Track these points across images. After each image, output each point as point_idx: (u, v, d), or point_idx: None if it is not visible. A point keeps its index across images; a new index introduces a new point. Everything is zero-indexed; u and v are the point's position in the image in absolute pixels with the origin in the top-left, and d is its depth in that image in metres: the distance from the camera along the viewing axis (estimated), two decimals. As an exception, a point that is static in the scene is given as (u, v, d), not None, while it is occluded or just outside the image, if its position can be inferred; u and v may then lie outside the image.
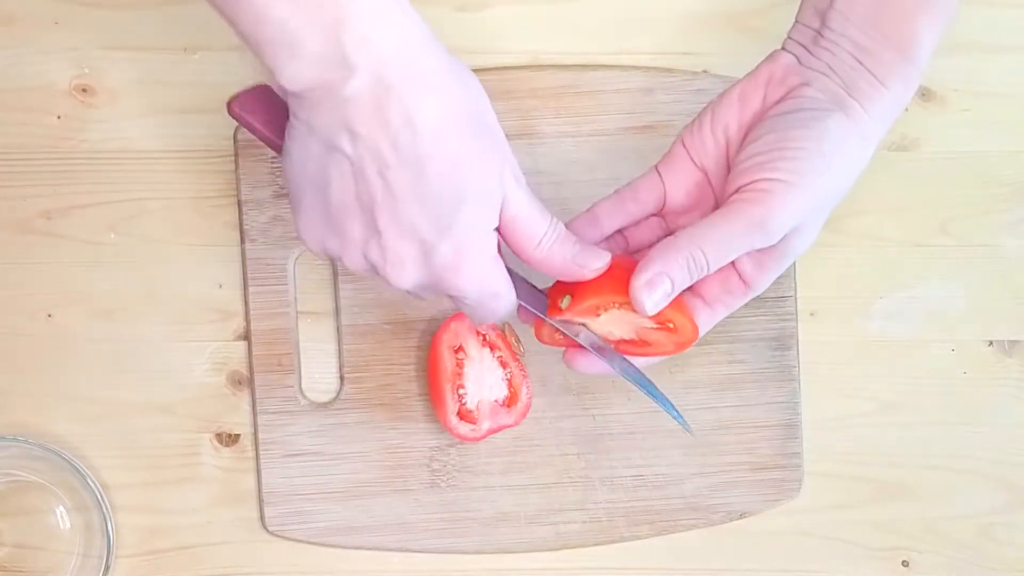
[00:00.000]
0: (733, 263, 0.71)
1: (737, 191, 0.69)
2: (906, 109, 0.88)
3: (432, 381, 0.85)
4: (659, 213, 0.75)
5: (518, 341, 0.87)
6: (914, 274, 0.90)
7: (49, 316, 0.86)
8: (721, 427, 0.88)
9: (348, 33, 0.58)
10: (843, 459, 0.89)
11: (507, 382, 0.85)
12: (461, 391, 0.84)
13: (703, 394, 0.88)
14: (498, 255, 0.68)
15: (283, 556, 0.87)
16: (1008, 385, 0.90)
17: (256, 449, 0.86)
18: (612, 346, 0.75)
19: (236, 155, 0.86)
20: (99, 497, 0.84)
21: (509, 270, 0.70)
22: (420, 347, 0.86)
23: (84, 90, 0.86)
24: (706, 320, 0.74)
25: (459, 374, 0.84)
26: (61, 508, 0.87)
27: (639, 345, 0.75)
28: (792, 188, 0.67)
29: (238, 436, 0.87)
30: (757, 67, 0.73)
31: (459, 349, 0.84)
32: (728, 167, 0.72)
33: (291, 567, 0.88)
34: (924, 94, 0.89)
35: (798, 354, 0.88)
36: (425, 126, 0.60)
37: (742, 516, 0.88)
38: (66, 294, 0.86)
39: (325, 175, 0.63)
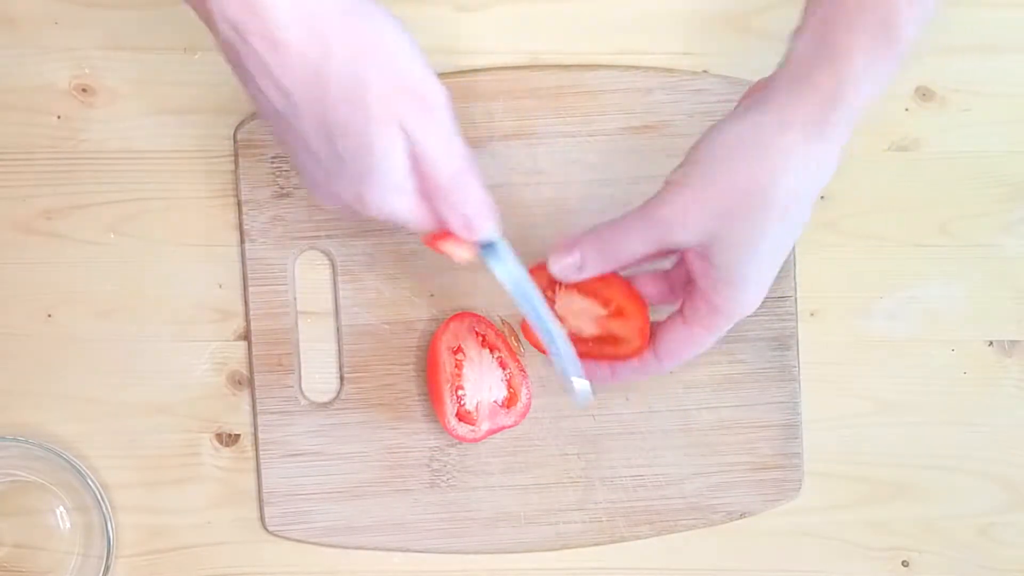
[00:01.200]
0: (698, 281, 0.73)
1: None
2: (906, 109, 0.89)
3: (431, 382, 0.85)
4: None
5: (518, 341, 0.87)
6: (914, 274, 0.90)
7: (49, 316, 0.86)
8: (721, 427, 0.88)
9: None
10: (843, 459, 0.89)
11: (506, 383, 0.85)
12: (460, 392, 0.84)
13: (703, 394, 0.88)
14: (407, 190, 0.69)
15: (283, 556, 0.87)
16: (1008, 385, 0.90)
17: (256, 449, 0.86)
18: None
19: (236, 155, 0.86)
20: (99, 497, 0.84)
21: None
22: (420, 347, 0.86)
23: (84, 90, 0.86)
24: (685, 337, 0.75)
25: (458, 375, 0.84)
26: (61, 508, 0.87)
27: (607, 344, 0.78)
28: (681, 188, 0.70)
29: (238, 436, 0.87)
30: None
31: (458, 350, 0.84)
32: None
33: (291, 567, 0.88)
34: (924, 94, 0.89)
35: (798, 354, 0.88)
36: (281, 89, 0.64)
37: (742, 516, 0.88)
38: (66, 294, 0.86)
39: (252, 100, 0.68)
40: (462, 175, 0.69)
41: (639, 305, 0.78)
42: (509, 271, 0.73)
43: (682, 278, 0.77)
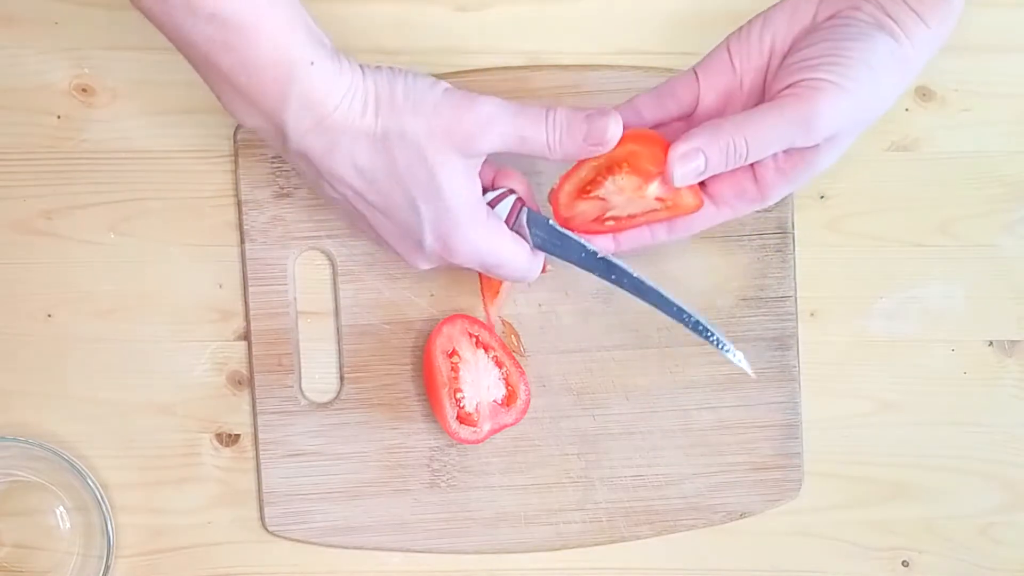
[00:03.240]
0: (754, 167, 0.73)
1: (786, 88, 0.71)
2: (906, 109, 0.89)
3: (429, 387, 0.85)
4: (688, 116, 0.76)
5: (518, 340, 0.87)
6: (914, 274, 0.90)
7: (49, 316, 0.86)
8: (721, 427, 0.88)
9: (285, 114, 0.69)
10: (843, 459, 0.89)
11: (504, 381, 0.85)
12: (459, 395, 0.84)
13: (703, 394, 0.88)
14: (492, 225, 0.75)
15: (283, 556, 0.87)
16: (1008, 385, 0.90)
17: (256, 449, 0.86)
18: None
19: (236, 155, 0.86)
20: (99, 497, 0.84)
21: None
22: (420, 347, 0.86)
23: (84, 90, 0.86)
24: (709, 217, 0.76)
25: (455, 378, 0.84)
26: (61, 508, 0.87)
27: (664, 211, 0.76)
28: (840, 91, 0.70)
29: (238, 436, 0.87)
30: None
31: (452, 353, 0.84)
32: (764, 80, 0.74)
33: (291, 567, 0.88)
34: (924, 94, 0.89)
35: (798, 354, 0.88)
36: (360, 162, 0.71)
37: (742, 516, 0.88)
38: (66, 294, 0.86)
39: (327, 198, 0.76)
40: (552, 126, 0.72)
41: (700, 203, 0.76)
42: (624, 272, 0.77)
43: None
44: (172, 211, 0.87)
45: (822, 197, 0.89)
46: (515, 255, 0.76)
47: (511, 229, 0.77)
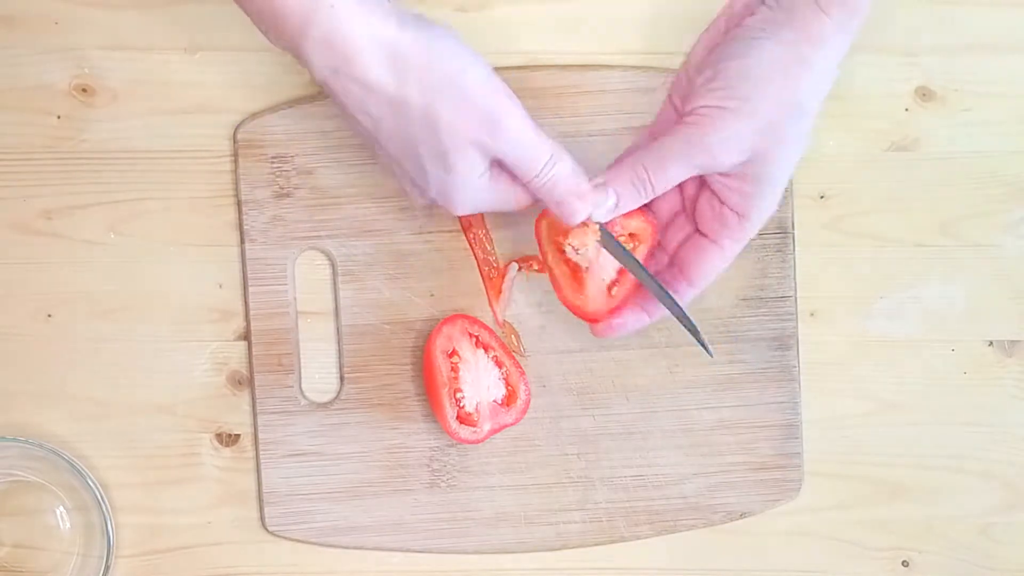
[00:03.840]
0: (719, 197, 0.75)
1: (683, 116, 0.74)
2: (906, 109, 0.89)
3: (429, 387, 0.85)
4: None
5: (518, 340, 0.87)
6: (914, 274, 0.90)
7: (49, 316, 0.86)
8: (721, 427, 0.88)
9: (306, 43, 0.69)
10: (843, 459, 0.89)
11: (504, 381, 0.85)
12: (459, 395, 0.84)
13: (703, 394, 0.88)
14: (494, 183, 0.75)
15: (283, 556, 0.87)
16: (1008, 385, 0.90)
17: (256, 449, 0.86)
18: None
19: (236, 155, 0.86)
20: (99, 497, 0.84)
21: None
22: (420, 347, 0.86)
23: (84, 90, 0.86)
24: (717, 256, 0.77)
25: (455, 378, 0.84)
26: (61, 508, 0.87)
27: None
28: (724, 112, 0.72)
29: (238, 436, 0.87)
30: (722, 8, 0.77)
31: (452, 353, 0.84)
32: None
33: (291, 567, 0.88)
34: (924, 94, 0.89)
35: (798, 354, 0.88)
36: (378, 116, 0.72)
37: (742, 516, 0.88)
38: (66, 294, 0.86)
39: (347, 124, 0.76)
40: (548, 166, 0.73)
41: (655, 228, 0.78)
42: (620, 251, 0.77)
43: (691, 192, 0.78)
44: (172, 211, 0.87)
45: (822, 197, 0.89)
46: (510, 202, 0.76)
47: None
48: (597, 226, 0.76)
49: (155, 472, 0.87)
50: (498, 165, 0.74)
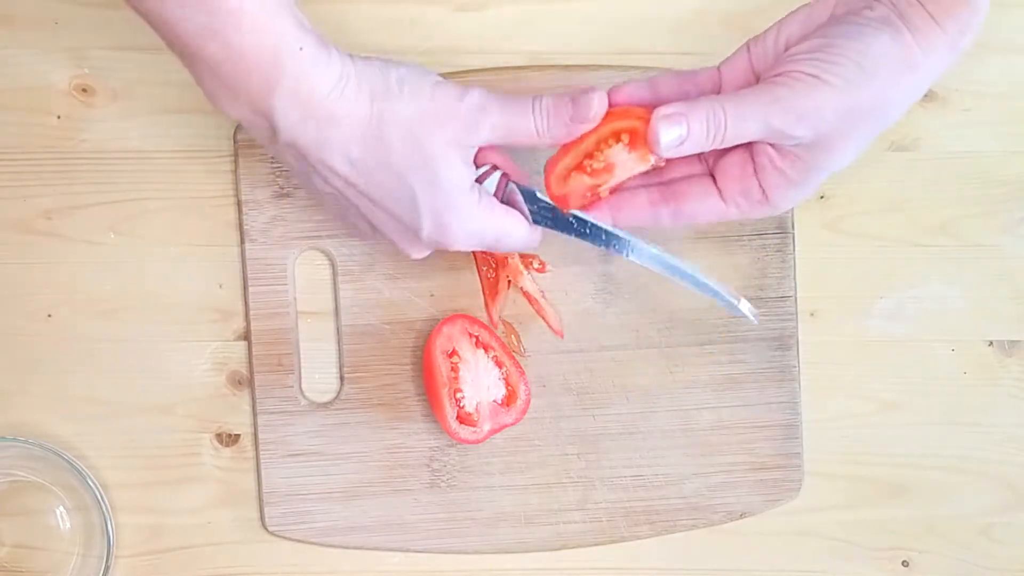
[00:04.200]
0: (757, 172, 0.73)
1: (774, 76, 0.71)
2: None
3: (429, 387, 0.85)
4: None
5: (518, 340, 0.87)
6: (914, 274, 0.90)
7: (49, 316, 0.86)
8: (721, 427, 0.88)
9: (273, 101, 0.68)
10: (843, 459, 0.89)
11: (504, 381, 0.85)
12: (459, 395, 0.84)
13: (703, 394, 0.88)
14: (487, 204, 0.74)
15: (283, 556, 0.87)
16: (1008, 385, 0.90)
17: (256, 449, 0.86)
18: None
19: (236, 155, 0.86)
20: (99, 497, 0.84)
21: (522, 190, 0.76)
22: (420, 347, 0.86)
23: (84, 90, 0.86)
24: (717, 212, 0.75)
25: (455, 378, 0.84)
26: (61, 508, 0.87)
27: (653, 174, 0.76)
28: (822, 84, 0.70)
29: (238, 436, 0.87)
30: None
31: (452, 353, 0.84)
32: None
33: (291, 567, 0.88)
34: (924, 94, 0.89)
35: (798, 354, 0.88)
36: (354, 154, 0.71)
37: (742, 516, 0.88)
38: (66, 294, 0.86)
39: (327, 203, 0.76)
40: (539, 113, 0.72)
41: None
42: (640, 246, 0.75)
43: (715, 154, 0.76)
44: (172, 211, 0.87)
45: (822, 197, 0.89)
46: (513, 228, 0.76)
47: (502, 202, 0.76)
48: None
49: (155, 472, 0.87)
50: (484, 191, 0.74)
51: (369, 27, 0.87)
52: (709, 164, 0.76)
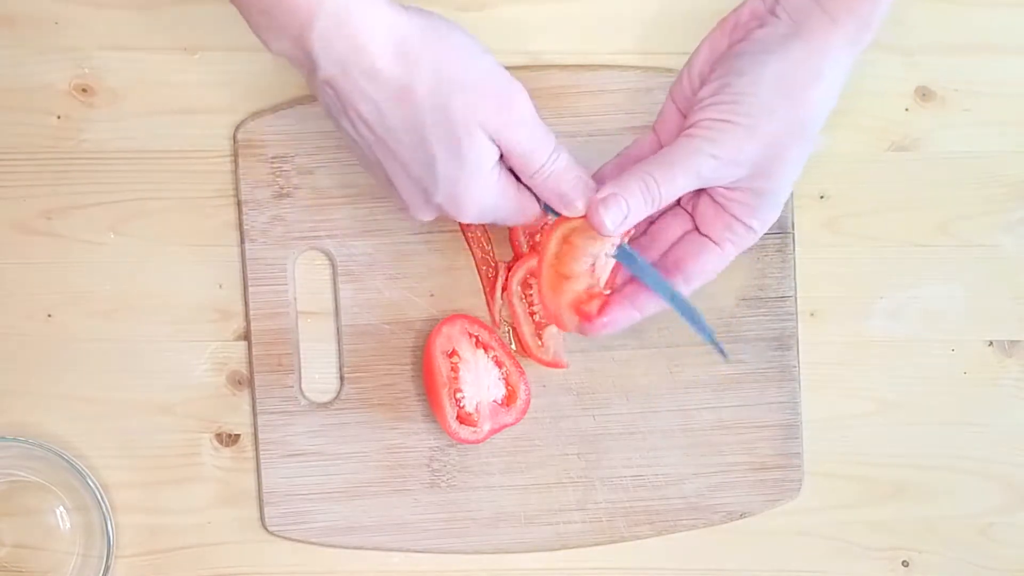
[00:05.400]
0: (725, 207, 0.74)
1: (687, 127, 0.73)
2: (906, 109, 0.89)
3: (429, 387, 0.85)
4: None
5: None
6: (914, 274, 0.90)
7: (49, 316, 0.86)
8: (721, 427, 0.88)
9: (312, 35, 0.67)
10: (843, 459, 0.89)
11: (504, 381, 0.85)
12: (459, 395, 0.84)
13: (703, 394, 0.88)
14: (502, 183, 0.74)
15: (283, 556, 0.87)
16: (1008, 385, 0.90)
17: (256, 449, 0.86)
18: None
19: (236, 155, 0.86)
20: (99, 497, 0.84)
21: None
22: (420, 347, 0.86)
23: (84, 90, 0.86)
24: (718, 258, 0.76)
25: (455, 378, 0.84)
26: (61, 508, 0.87)
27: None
28: (731, 127, 0.71)
29: (238, 436, 0.87)
30: (727, 14, 0.76)
31: (452, 353, 0.84)
32: None
33: (291, 567, 0.88)
34: (924, 94, 0.89)
35: (798, 354, 0.88)
36: (385, 108, 0.70)
37: (742, 516, 0.88)
38: (66, 294, 0.86)
39: (351, 147, 0.74)
40: (552, 157, 0.73)
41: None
42: (642, 267, 0.76)
43: (690, 193, 0.76)
44: (172, 211, 0.87)
45: (822, 197, 0.89)
46: (525, 207, 0.75)
47: None
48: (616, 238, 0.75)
49: (155, 472, 0.87)
50: (503, 168, 0.74)
51: (369, 27, 0.87)
52: (694, 220, 0.77)
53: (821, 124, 0.73)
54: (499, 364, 0.85)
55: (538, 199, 0.75)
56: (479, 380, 0.84)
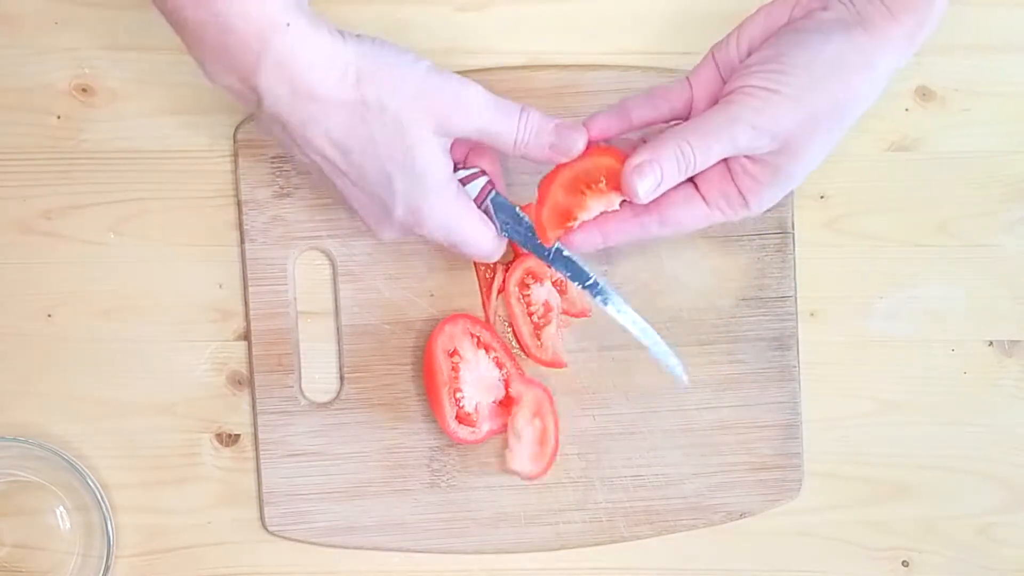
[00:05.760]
0: (733, 177, 0.74)
1: (729, 93, 0.73)
2: (906, 109, 0.89)
3: (429, 386, 0.84)
4: (686, 118, 0.77)
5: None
6: (914, 274, 0.90)
7: (49, 316, 0.86)
8: (721, 427, 0.88)
9: (259, 74, 0.68)
10: (843, 459, 0.89)
11: (504, 383, 0.85)
12: (458, 395, 0.84)
13: (703, 394, 0.88)
14: (462, 199, 0.75)
15: (283, 556, 0.87)
16: (1008, 385, 0.90)
17: (256, 449, 0.86)
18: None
19: (236, 155, 0.86)
20: (99, 497, 0.84)
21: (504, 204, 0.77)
22: (420, 347, 0.86)
23: (84, 90, 0.86)
24: (702, 217, 0.76)
25: (455, 378, 0.84)
26: (61, 508, 0.87)
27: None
28: (775, 96, 0.71)
29: (238, 436, 0.87)
30: None
31: (454, 353, 0.84)
32: None
33: (291, 567, 0.88)
34: (924, 94, 0.89)
35: (798, 354, 0.88)
36: (333, 131, 0.71)
37: (742, 516, 0.88)
38: (66, 294, 0.86)
39: (299, 164, 0.76)
40: (523, 120, 0.73)
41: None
42: (614, 302, 0.78)
43: None
44: (172, 211, 0.87)
45: (822, 197, 0.89)
46: (480, 235, 0.76)
47: (480, 209, 0.77)
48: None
49: (155, 472, 0.87)
50: (461, 188, 0.75)
51: (370, 27, 0.86)
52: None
53: (857, 115, 0.73)
54: (500, 365, 0.85)
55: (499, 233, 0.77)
56: (479, 380, 0.84)
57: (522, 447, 0.85)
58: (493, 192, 0.77)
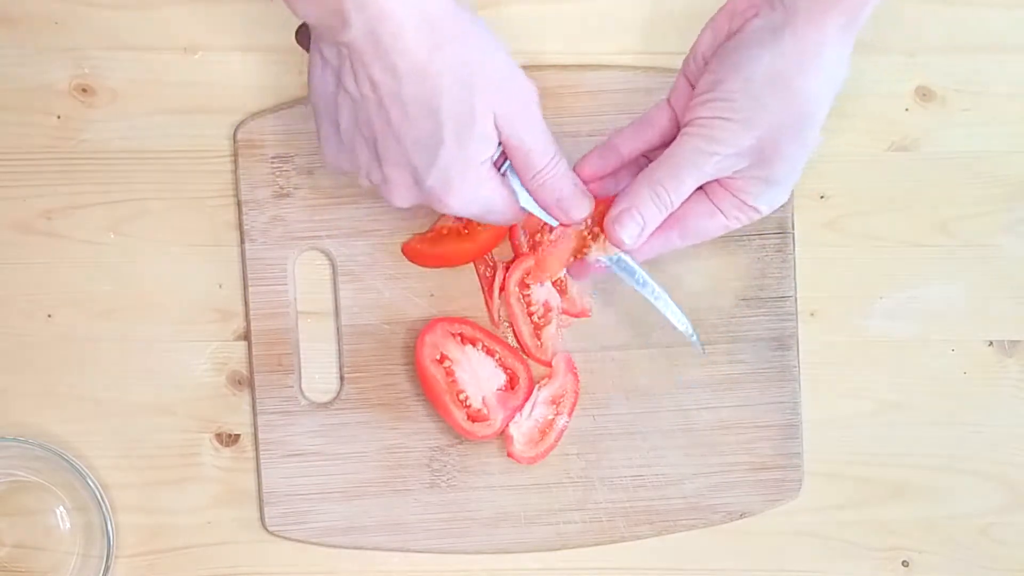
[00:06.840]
0: (733, 192, 0.74)
1: (685, 125, 0.73)
2: (906, 109, 0.89)
3: (431, 397, 0.85)
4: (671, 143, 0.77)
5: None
6: (914, 274, 0.90)
7: (49, 316, 0.86)
8: (721, 427, 0.88)
9: (349, 9, 0.66)
10: (843, 459, 0.89)
11: (501, 367, 0.85)
12: (462, 396, 0.84)
13: (703, 394, 0.88)
14: (492, 178, 0.74)
15: (283, 556, 0.87)
16: (1008, 385, 0.90)
17: (256, 449, 0.86)
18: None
19: (236, 155, 0.86)
20: (99, 497, 0.84)
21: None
22: (420, 347, 0.87)
23: (84, 90, 0.86)
24: (721, 225, 0.76)
25: (453, 382, 0.84)
26: (61, 508, 0.87)
27: None
28: (726, 123, 0.72)
29: (238, 436, 0.87)
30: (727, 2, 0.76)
31: (442, 359, 0.84)
32: None
33: (291, 567, 0.88)
34: (924, 94, 0.89)
35: (798, 354, 0.88)
36: (404, 78, 0.68)
37: (742, 516, 0.88)
38: (66, 294, 0.86)
39: (336, 104, 0.72)
40: (554, 161, 0.74)
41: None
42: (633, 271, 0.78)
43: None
44: (172, 211, 0.87)
45: (822, 197, 0.89)
46: (507, 203, 0.75)
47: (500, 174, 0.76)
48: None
49: (155, 472, 0.87)
50: (493, 165, 0.74)
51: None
52: (704, 187, 0.76)
53: (823, 112, 0.72)
54: (490, 353, 0.85)
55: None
56: (477, 375, 0.84)
57: (524, 424, 0.85)
58: (507, 161, 0.76)
